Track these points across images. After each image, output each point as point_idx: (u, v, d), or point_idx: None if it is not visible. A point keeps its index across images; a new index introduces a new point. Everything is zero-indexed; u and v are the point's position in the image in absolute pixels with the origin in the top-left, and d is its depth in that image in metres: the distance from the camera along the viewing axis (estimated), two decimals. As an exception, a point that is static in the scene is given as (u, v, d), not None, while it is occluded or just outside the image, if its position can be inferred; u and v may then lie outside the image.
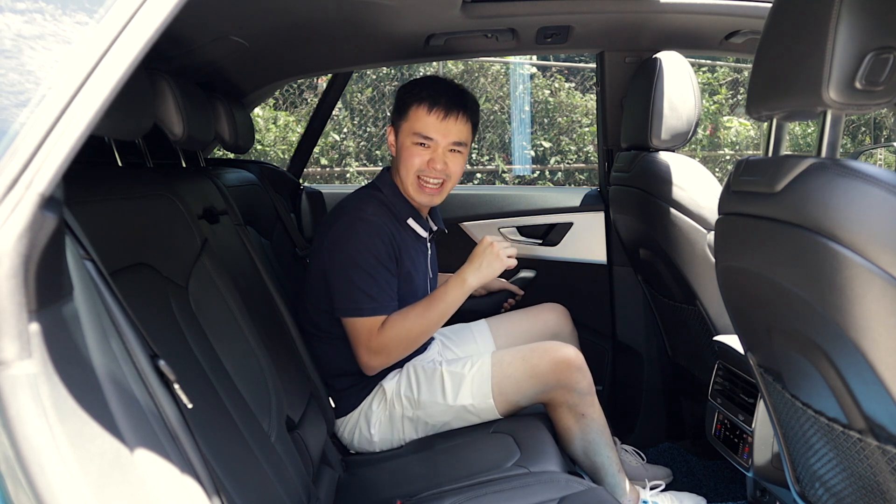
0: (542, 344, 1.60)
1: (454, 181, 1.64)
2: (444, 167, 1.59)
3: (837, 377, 0.87)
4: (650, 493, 1.67)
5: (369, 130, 6.20)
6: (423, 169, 1.58)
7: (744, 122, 6.85)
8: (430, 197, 1.62)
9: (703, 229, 1.61)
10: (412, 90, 1.60)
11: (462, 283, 1.54)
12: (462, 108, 1.58)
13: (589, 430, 1.57)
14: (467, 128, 1.61)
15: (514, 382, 1.56)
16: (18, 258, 0.54)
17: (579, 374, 1.54)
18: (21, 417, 0.54)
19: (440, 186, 1.61)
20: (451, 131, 1.57)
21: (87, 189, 0.92)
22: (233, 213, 1.56)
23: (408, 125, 1.59)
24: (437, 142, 1.57)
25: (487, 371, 1.57)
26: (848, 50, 0.79)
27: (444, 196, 1.65)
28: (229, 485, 0.86)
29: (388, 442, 1.62)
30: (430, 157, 1.58)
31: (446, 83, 1.62)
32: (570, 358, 1.54)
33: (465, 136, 1.61)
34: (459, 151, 1.61)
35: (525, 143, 6.40)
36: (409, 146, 1.58)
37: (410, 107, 1.58)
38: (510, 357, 1.58)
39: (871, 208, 0.76)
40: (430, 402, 1.57)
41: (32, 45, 0.60)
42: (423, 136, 1.57)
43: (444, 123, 1.56)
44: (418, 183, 1.60)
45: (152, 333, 0.76)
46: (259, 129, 5.46)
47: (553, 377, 1.54)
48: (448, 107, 1.56)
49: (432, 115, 1.56)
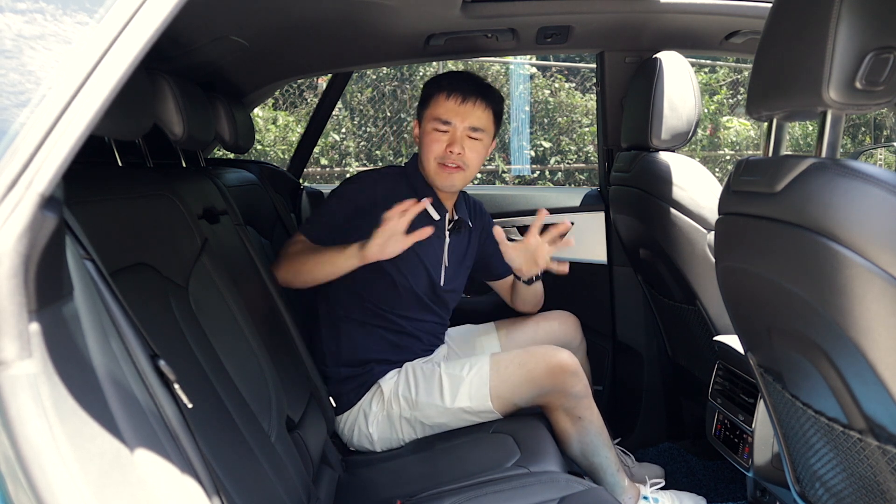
0: (538, 348, 1.60)
1: (472, 170, 1.66)
2: (462, 153, 1.61)
3: (837, 377, 0.87)
4: (650, 490, 1.68)
5: (369, 130, 6.20)
6: (442, 154, 1.62)
7: (744, 123, 6.85)
8: (449, 177, 1.63)
9: (703, 229, 1.61)
10: (436, 80, 1.67)
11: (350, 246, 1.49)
12: (481, 95, 1.62)
13: (586, 433, 1.58)
14: (486, 115, 1.64)
15: (511, 386, 1.57)
16: (18, 258, 0.54)
17: (574, 379, 1.55)
18: (21, 417, 0.54)
19: (458, 168, 1.63)
20: (468, 115, 1.61)
21: (87, 189, 0.92)
22: (233, 213, 1.56)
23: (429, 112, 1.64)
24: (455, 125, 1.61)
25: (486, 374, 1.57)
26: (848, 50, 0.79)
27: (464, 180, 1.66)
28: (229, 485, 0.86)
29: (386, 441, 1.62)
30: (448, 142, 1.61)
31: (469, 74, 1.68)
32: (564, 363, 1.55)
33: (485, 122, 1.63)
34: (478, 139, 1.64)
35: (525, 143, 6.40)
36: (430, 132, 1.63)
37: (433, 95, 1.64)
38: (507, 361, 1.58)
39: (871, 208, 0.76)
40: (427, 403, 1.58)
41: (33, 46, 0.60)
42: (441, 120, 1.61)
43: (461, 107, 1.61)
44: (439, 167, 1.63)
45: (152, 333, 0.76)
46: (259, 129, 5.46)
47: (549, 381, 1.55)
48: (466, 92, 1.61)
49: (451, 100, 1.61)
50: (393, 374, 1.65)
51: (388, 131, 6.20)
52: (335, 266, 1.51)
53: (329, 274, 1.53)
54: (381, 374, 1.65)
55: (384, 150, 6.19)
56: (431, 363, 1.66)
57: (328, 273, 1.53)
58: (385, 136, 6.22)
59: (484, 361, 1.60)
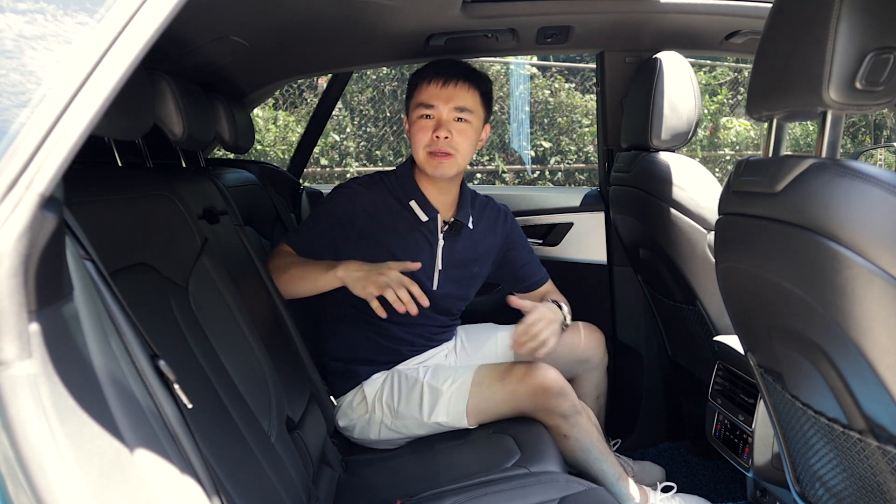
0: (522, 366, 1.56)
1: (463, 156, 1.60)
2: (450, 137, 1.57)
3: (837, 377, 0.87)
4: (660, 497, 1.66)
5: (369, 130, 6.19)
6: (429, 142, 1.58)
7: (744, 123, 6.85)
8: (439, 165, 1.58)
9: (703, 229, 1.61)
10: (419, 71, 1.64)
11: (333, 266, 1.47)
12: (463, 76, 1.58)
13: (574, 450, 1.56)
14: (472, 95, 1.59)
15: (491, 404, 1.55)
16: (18, 258, 0.54)
17: (559, 399, 1.53)
18: (21, 417, 0.54)
19: (447, 155, 1.58)
20: (452, 96, 1.57)
21: (87, 189, 0.92)
22: (233, 214, 1.56)
23: (413, 102, 1.62)
24: (439, 109, 1.57)
25: (466, 389, 1.55)
26: (848, 50, 0.79)
27: (456, 167, 1.60)
28: (229, 485, 0.86)
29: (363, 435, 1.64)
30: (434, 128, 1.57)
31: (451, 60, 1.65)
32: (547, 384, 1.52)
33: (470, 103, 1.58)
34: (466, 120, 1.58)
35: (525, 143, 6.40)
36: (416, 121, 1.60)
37: (416, 86, 1.62)
38: (491, 376, 1.56)
39: (871, 209, 0.76)
40: (406, 414, 1.58)
41: (34, 46, 0.60)
42: (425, 104, 1.58)
43: (444, 90, 1.57)
44: (428, 156, 1.59)
45: (152, 333, 0.76)
46: (259, 129, 5.46)
47: (531, 402, 1.53)
48: (448, 74, 1.58)
49: (432, 85, 1.58)
50: (379, 377, 1.65)
51: (388, 131, 6.20)
52: (315, 284, 1.51)
53: (310, 290, 1.52)
54: (367, 374, 1.65)
55: (384, 150, 6.18)
56: (416, 371, 1.65)
57: (309, 289, 1.52)
58: (385, 137, 6.21)
59: (468, 375, 1.57)
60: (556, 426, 1.55)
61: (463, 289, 1.75)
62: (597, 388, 1.86)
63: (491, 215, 1.79)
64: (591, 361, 1.82)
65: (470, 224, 1.72)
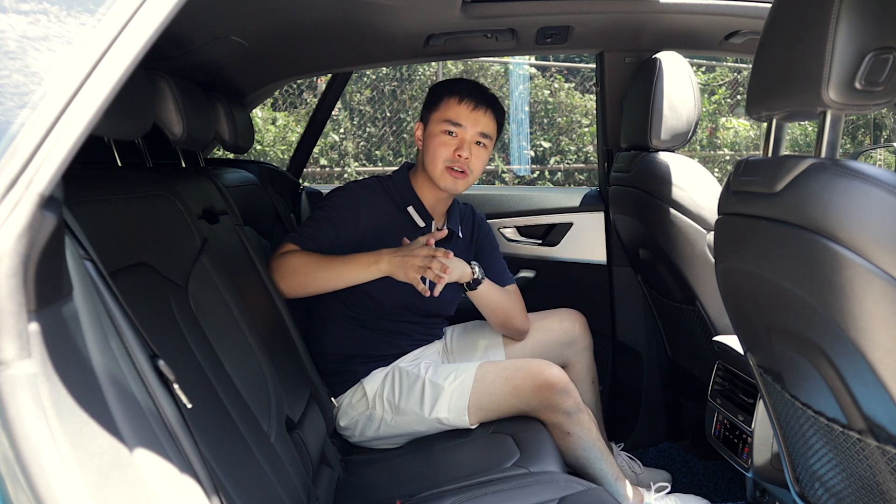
0: (527, 362, 1.59)
1: (475, 177, 1.68)
2: (469, 158, 1.63)
3: (837, 377, 0.87)
4: (654, 497, 1.66)
5: (369, 130, 6.19)
6: (450, 158, 1.62)
7: (743, 123, 6.85)
8: (455, 181, 1.64)
9: (702, 229, 1.61)
10: (446, 84, 1.68)
11: (376, 258, 1.50)
12: (490, 105, 1.66)
13: (575, 448, 1.57)
14: (493, 124, 1.68)
15: (494, 400, 1.56)
16: (18, 258, 0.54)
17: (563, 396, 1.54)
18: (21, 417, 0.54)
19: (463, 174, 1.64)
20: (479, 121, 1.64)
21: (87, 189, 0.92)
22: (232, 214, 1.56)
23: (438, 114, 1.65)
24: (466, 129, 1.63)
25: (468, 386, 1.56)
26: (848, 50, 0.79)
27: (466, 186, 1.67)
28: (229, 485, 0.86)
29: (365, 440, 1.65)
30: (456, 146, 1.63)
31: (478, 84, 1.71)
32: (552, 381, 1.54)
33: (491, 130, 1.67)
34: (484, 145, 1.66)
35: (524, 143, 6.40)
36: (438, 134, 1.64)
37: (443, 98, 1.65)
38: (493, 374, 1.58)
39: (871, 209, 0.76)
40: (407, 409, 1.58)
41: (37, 47, 0.60)
42: (453, 122, 1.62)
43: (474, 113, 1.63)
44: (446, 170, 1.64)
45: (152, 333, 0.76)
46: (258, 129, 5.46)
47: (535, 399, 1.54)
48: (479, 99, 1.64)
49: (463, 105, 1.63)
50: (379, 374, 1.65)
51: (388, 131, 6.20)
52: (351, 277, 1.53)
53: (338, 286, 1.55)
54: (366, 371, 1.66)
55: (384, 150, 6.19)
56: (417, 367, 1.65)
57: (336, 285, 1.55)
58: (385, 137, 6.22)
59: (470, 372, 1.59)
60: (559, 423, 1.56)
61: (455, 293, 1.77)
62: (590, 372, 1.88)
63: (469, 222, 1.86)
64: (578, 343, 1.85)
65: (460, 233, 1.79)
